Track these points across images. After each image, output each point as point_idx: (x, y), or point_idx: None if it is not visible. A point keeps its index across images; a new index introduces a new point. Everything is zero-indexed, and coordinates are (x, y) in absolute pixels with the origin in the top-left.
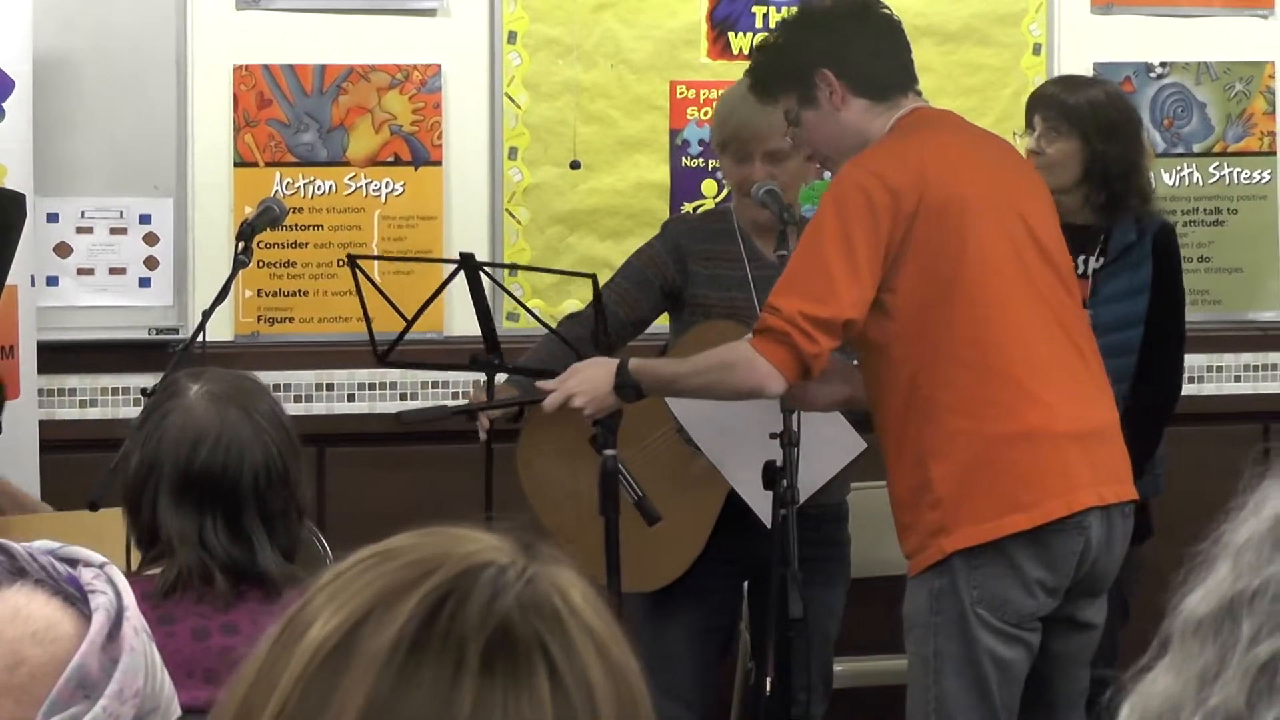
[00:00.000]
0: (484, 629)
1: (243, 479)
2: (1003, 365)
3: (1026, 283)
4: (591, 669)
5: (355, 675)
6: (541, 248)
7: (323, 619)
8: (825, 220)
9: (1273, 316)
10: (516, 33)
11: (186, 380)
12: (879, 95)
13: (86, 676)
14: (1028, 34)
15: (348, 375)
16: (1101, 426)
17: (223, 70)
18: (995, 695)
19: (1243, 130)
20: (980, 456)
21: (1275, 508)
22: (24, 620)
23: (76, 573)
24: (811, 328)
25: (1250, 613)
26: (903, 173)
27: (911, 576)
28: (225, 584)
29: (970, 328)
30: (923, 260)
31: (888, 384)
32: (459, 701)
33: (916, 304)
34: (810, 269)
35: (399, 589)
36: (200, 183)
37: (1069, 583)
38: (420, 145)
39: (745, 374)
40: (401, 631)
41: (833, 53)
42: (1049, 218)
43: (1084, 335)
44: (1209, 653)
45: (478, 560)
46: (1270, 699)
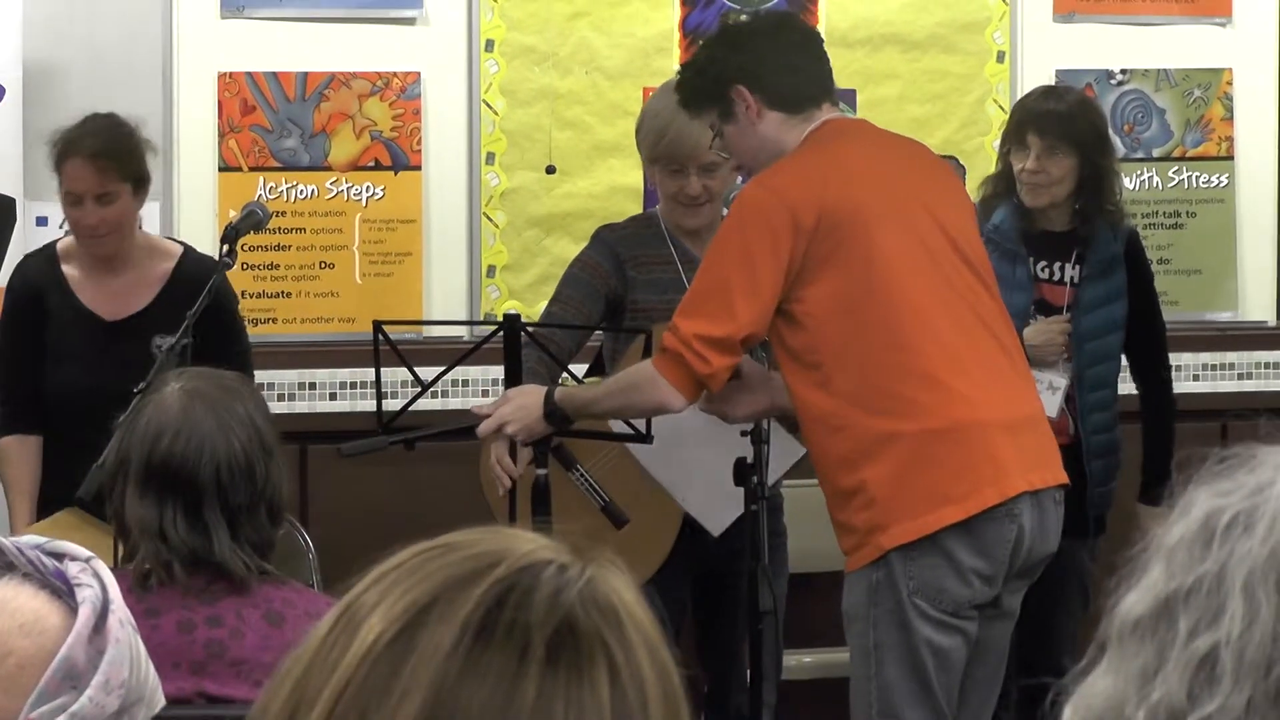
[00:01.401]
0: (549, 621)
1: (201, 470)
2: (922, 365)
3: (941, 282)
4: (644, 668)
5: (421, 661)
6: (518, 250)
7: (385, 606)
8: (726, 240)
9: (1230, 317)
10: (494, 41)
11: (171, 379)
12: (793, 108)
13: (73, 668)
14: (991, 42)
15: (329, 374)
16: (1027, 415)
17: (207, 77)
18: (934, 683)
19: (1201, 135)
20: (910, 455)
21: (1203, 509)
22: (12, 613)
23: (63, 566)
24: (704, 348)
25: (1186, 609)
26: (802, 189)
27: (849, 571)
28: (185, 576)
29: (886, 332)
30: (830, 271)
31: (809, 391)
32: (523, 690)
33: (829, 313)
34: (710, 289)
35: (464, 580)
36: (186, 187)
37: (1005, 570)
38: (400, 150)
39: (649, 393)
40: (468, 620)
41: (747, 69)
42: (964, 217)
43: (1004, 328)
44: (1148, 650)
45: (539, 557)
46: (1211, 690)
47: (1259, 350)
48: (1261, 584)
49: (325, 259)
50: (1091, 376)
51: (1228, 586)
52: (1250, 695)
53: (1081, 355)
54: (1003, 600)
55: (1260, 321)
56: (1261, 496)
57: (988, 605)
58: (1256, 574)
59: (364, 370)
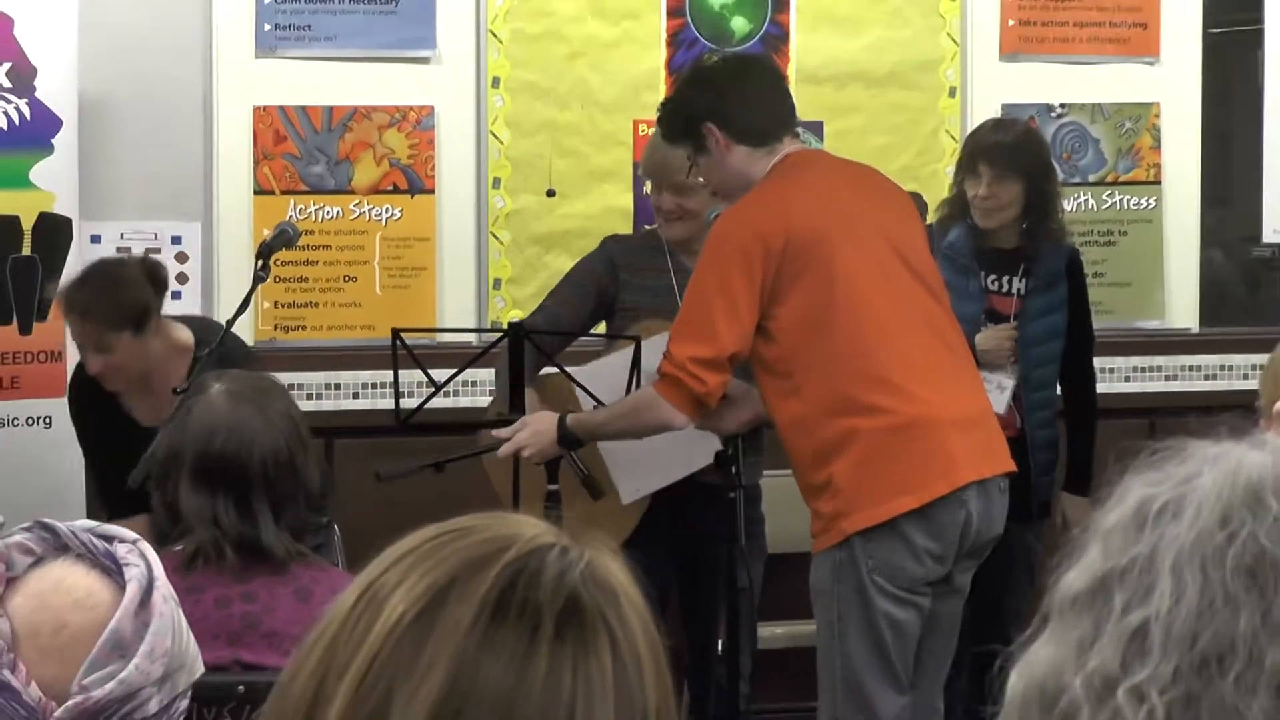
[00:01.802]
0: (557, 600)
1: (252, 465)
2: (880, 371)
3: (895, 296)
4: (639, 641)
5: (443, 637)
6: (521, 265)
7: (407, 586)
8: (705, 269)
9: (1157, 324)
10: (500, 78)
11: (211, 380)
12: (758, 142)
13: (121, 639)
14: (944, 79)
15: (353, 376)
16: (975, 413)
17: (244, 110)
18: (892, 652)
19: (1132, 162)
20: (870, 449)
21: (1136, 497)
22: (66, 590)
23: (112, 548)
24: (698, 369)
25: (1120, 587)
26: (770, 218)
27: (816, 552)
28: (234, 558)
29: (848, 343)
30: (798, 290)
31: (781, 398)
32: (535, 663)
33: (797, 328)
34: (695, 315)
35: (478, 562)
36: (224, 209)
37: (955, 551)
38: (416, 176)
39: (653, 415)
40: (485, 599)
41: (715, 109)
42: (914, 235)
43: (953, 334)
44: (1086, 623)
45: (544, 541)
46: (1141, 660)
47: (1183, 354)
48: (1188, 565)
49: (349, 273)
50: (1036, 378)
51: (1158, 567)
52: (1176, 665)
53: (1027, 359)
54: (954, 578)
55: (1184, 328)
56: (1189, 486)
57: (940, 582)
58: (1184, 556)
59: (384, 372)
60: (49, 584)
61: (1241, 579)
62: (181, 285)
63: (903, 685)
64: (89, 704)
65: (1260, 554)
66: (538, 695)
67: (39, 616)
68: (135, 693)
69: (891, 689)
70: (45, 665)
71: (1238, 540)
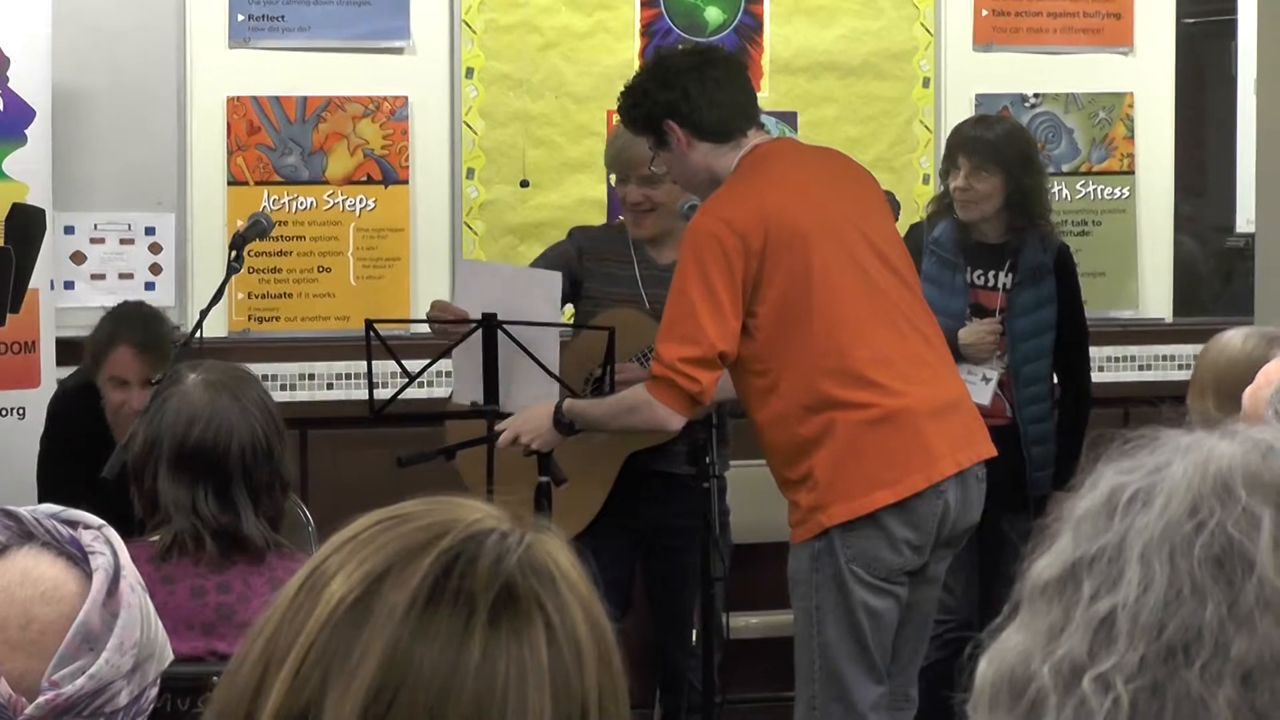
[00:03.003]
0: (491, 587)
1: (230, 455)
2: (858, 366)
3: (870, 289)
4: (578, 625)
5: (377, 624)
6: (496, 256)
7: (344, 573)
8: (686, 269)
9: (1131, 314)
10: (474, 69)
11: (186, 370)
12: (720, 138)
13: (90, 632)
14: (918, 69)
15: (326, 367)
16: (952, 400)
17: (217, 101)
18: (870, 641)
19: (1105, 152)
20: (847, 444)
21: (1108, 485)
22: (33, 582)
23: (77, 534)
24: (689, 368)
25: (1090, 575)
26: (746, 215)
27: (794, 543)
28: (214, 548)
29: (825, 339)
30: (776, 286)
31: (759, 393)
32: (470, 649)
33: (774, 324)
34: (680, 315)
35: (415, 549)
36: (198, 199)
37: (933, 541)
38: (390, 166)
39: (648, 415)
40: (419, 586)
41: (674, 107)
42: (886, 225)
43: (928, 323)
44: (1055, 611)
45: (482, 526)
46: (1109, 648)
47: (1157, 344)
48: (1156, 554)
49: (323, 264)
50: (1027, 373)
51: (1126, 555)
52: (1143, 654)
53: (1016, 353)
54: (930, 568)
55: (1158, 318)
56: (1159, 475)
57: (916, 572)
58: (1152, 545)
59: (358, 363)
60: (15, 576)
61: (1209, 569)
62: (155, 276)
63: (880, 674)
64: (60, 700)
65: (1228, 544)
66: (471, 683)
67: (6, 610)
68: (106, 686)
69: (869, 678)
70: (14, 660)
71: (1206, 530)
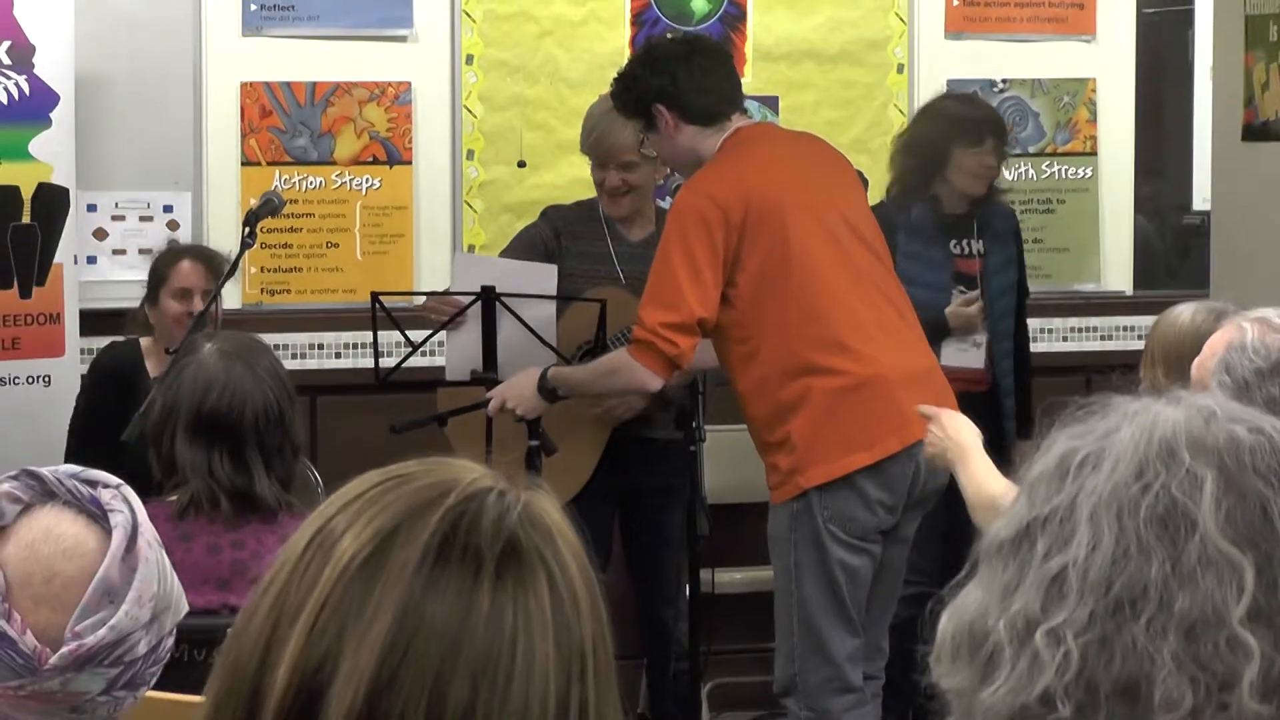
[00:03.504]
0: (497, 542)
1: (244, 420)
2: (833, 334)
3: (846, 263)
4: (575, 576)
5: (390, 580)
6: (494, 232)
7: (354, 532)
8: (670, 240)
9: (1093, 287)
10: (474, 55)
11: (202, 340)
12: (706, 121)
13: (110, 585)
14: (892, 56)
15: (335, 337)
16: (922, 370)
17: (231, 86)
18: (846, 595)
19: (1069, 135)
20: (826, 408)
21: (1060, 449)
22: (55, 539)
23: (97, 493)
24: (669, 332)
25: (1043, 535)
26: (728, 190)
27: (774, 504)
28: (229, 507)
29: (802, 308)
30: (756, 258)
31: (739, 360)
32: (479, 602)
33: (755, 294)
34: (662, 283)
35: (421, 507)
36: (213, 179)
37: (904, 501)
38: (394, 148)
39: (629, 377)
40: (429, 543)
41: (663, 91)
42: (860, 204)
43: (900, 297)
44: (1010, 569)
45: (481, 485)
46: (1060, 604)
47: (1118, 315)
48: (1105, 515)
49: (331, 239)
50: (999, 330)
51: (1077, 516)
52: (1092, 609)
53: (994, 310)
54: (901, 528)
55: (1119, 291)
56: (1109, 440)
57: (889, 531)
58: (1101, 506)
59: (364, 333)
60: (38, 533)
61: (1154, 528)
62: None
63: (855, 627)
64: (82, 650)
65: (1172, 505)
66: (481, 633)
67: (30, 566)
68: (126, 637)
69: (845, 630)
70: (39, 613)
71: (1151, 492)
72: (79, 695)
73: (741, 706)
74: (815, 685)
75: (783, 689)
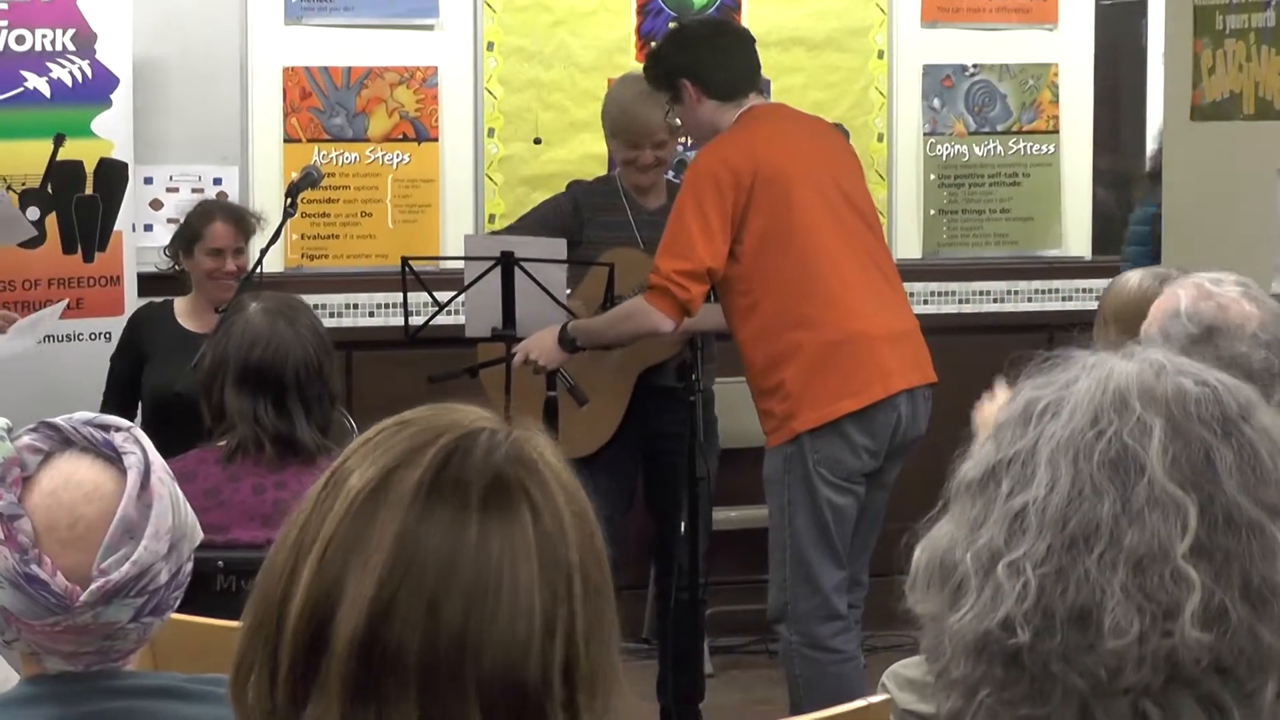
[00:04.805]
0: (483, 476)
1: (287, 372)
2: (826, 292)
3: (839, 227)
4: (561, 507)
5: (388, 512)
6: (512, 203)
7: (360, 470)
8: (685, 197)
9: (1056, 253)
10: (494, 42)
11: (249, 299)
12: (726, 97)
13: (129, 523)
14: (873, 43)
15: (368, 297)
16: (904, 329)
17: (275, 70)
18: (833, 532)
19: (1034, 115)
20: (817, 359)
21: (1024, 398)
22: (76, 485)
23: (110, 437)
24: (682, 279)
25: (1007, 475)
26: (740, 156)
27: (769, 447)
28: (273, 451)
29: (799, 265)
30: (760, 219)
31: (742, 312)
32: (467, 532)
33: (758, 251)
34: (677, 235)
35: (419, 447)
36: (258, 154)
37: (886, 448)
38: (422, 126)
39: (643, 320)
40: (422, 478)
41: (689, 67)
42: (857, 179)
43: (887, 263)
44: (977, 506)
45: (475, 426)
46: (1021, 538)
47: (1077, 279)
48: (1062, 457)
49: (365, 209)
50: None
51: (1038, 459)
52: (1050, 543)
53: None
54: (884, 473)
55: (1079, 256)
56: (1068, 390)
57: (872, 475)
58: (1059, 450)
59: (394, 294)
60: (59, 480)
61: (1106, 471)
62: None
63: (841, 560)
64: (109, 585)
65: (1123, 450)
66: (470, 559)
67: (55, 513)
68: (148, 568)
69: (832, 563)
70: (66, 555)
71: (1105, 437)
72: (110, 625)
73: (737, 632)
74: (804, 612)
75: (775, 616)
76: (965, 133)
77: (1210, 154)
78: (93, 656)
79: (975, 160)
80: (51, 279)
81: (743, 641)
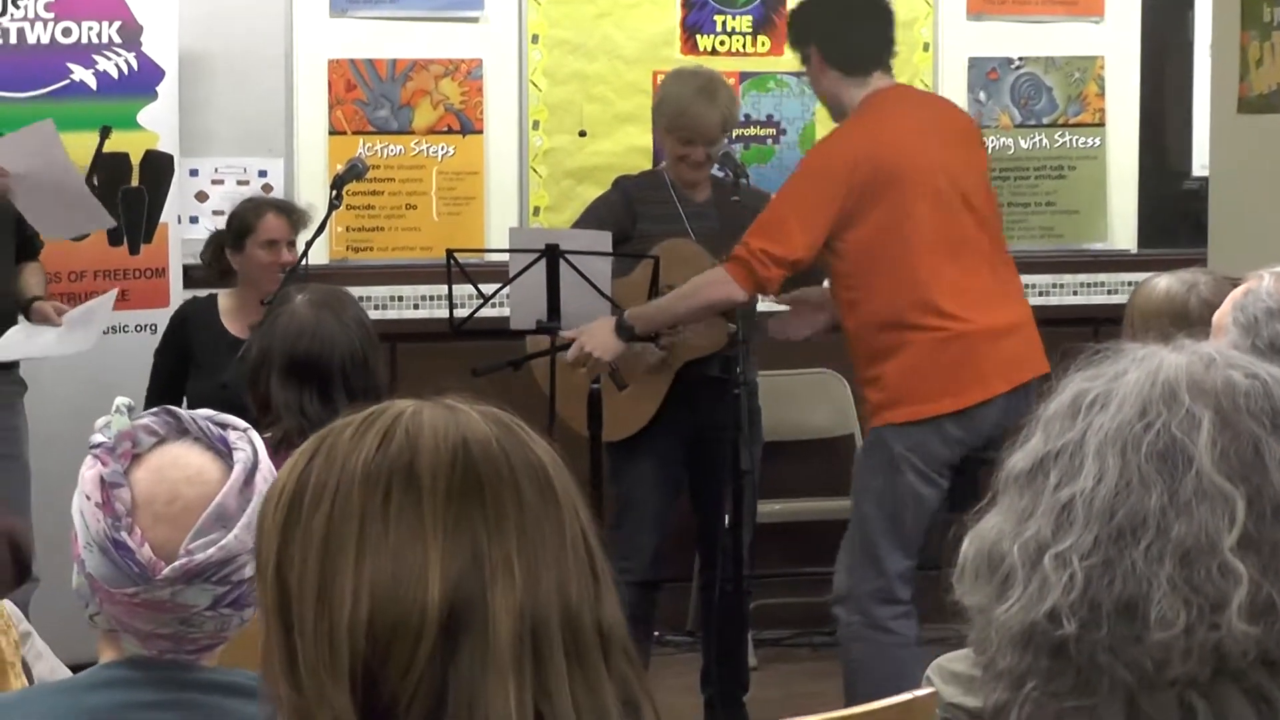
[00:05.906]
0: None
1: (332, 364)
2: (929, 297)
3: (951, 228)
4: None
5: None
6: (556, 195)
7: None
8: (795, 180)
9: (1102, 247)
10: (538, 35)
11: (295, 291)
12: (851, 70)
13: (225, 512)
14: (919, 35)
15: (413, 289)
16: (1011, 324)
17: (320, 63)
18: (907, 519)
19: (1079, 108)
20: (916, 359)
21: (1073, 390)
22: (182, 467)
23: (225, 434)
24: (766, 259)
25: (1055, 467)
26: (859, 154)
27: (870, 429)
28: None
29: (903, 274)
30: (870, 219)
31: (845, 304)
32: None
33: (864, 252)
34: (776, 217)
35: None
36: (303, 147)
37: (981, 442)
38: (467, 119)
39: (717, 290)
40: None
41: (818, 32)
42: (976, 174)
43: (1001, 259)
44: (1025, 498)
45: (413, 409)
46: (1068, 530)
47: (1123, 272)
48: (1110, 449)
49: (410, 202)
50: None
51: (1085, 451)
52: (1096, 534)
53: None
54: (970, 465)
55: (1124, 250)
56: (1117, 382)
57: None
58: (1107, 442)
59: (439, 286)
60: (167, 460)
61: (1154, 463)
62: None
63: (910, 550)
64: (192, 565)
65: (1171, 442)
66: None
67: (156, 489)
68: (233, 558)
69: (900, 551)
70: (157, 530)
71: (1153, 430)
72: (187, 607)
73: (781, 625)
74: (866, 593)
75: (837, 597)
76: (1011, 125)
77: (1256, 146)
78: (167, 642)
79: (1021, 153)
80: (98, 271)
81: (787, 634)
